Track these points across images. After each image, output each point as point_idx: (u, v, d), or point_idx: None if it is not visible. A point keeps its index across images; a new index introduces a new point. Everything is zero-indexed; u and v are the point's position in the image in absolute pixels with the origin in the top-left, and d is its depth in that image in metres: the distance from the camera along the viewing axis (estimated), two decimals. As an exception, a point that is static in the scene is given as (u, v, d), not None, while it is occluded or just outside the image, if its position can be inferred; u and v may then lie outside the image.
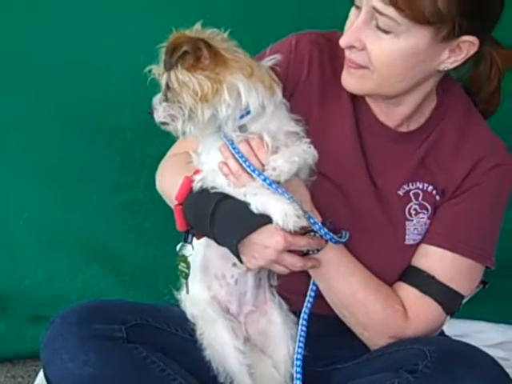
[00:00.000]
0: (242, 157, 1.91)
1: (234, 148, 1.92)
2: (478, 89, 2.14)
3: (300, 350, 2.04)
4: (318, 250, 1.99)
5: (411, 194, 2.11)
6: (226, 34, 1.94)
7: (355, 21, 1.95)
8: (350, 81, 2.03)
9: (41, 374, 2.62)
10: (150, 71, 1.95)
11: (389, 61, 1.96)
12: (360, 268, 2.06)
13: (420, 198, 2.11)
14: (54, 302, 2.85)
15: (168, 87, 1.91)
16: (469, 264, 2.08)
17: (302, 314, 2.05)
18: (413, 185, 2.11)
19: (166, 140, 2.44)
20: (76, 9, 2.78)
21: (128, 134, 2.89)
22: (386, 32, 1.92)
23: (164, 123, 1.95)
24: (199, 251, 2.08)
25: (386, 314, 2.06)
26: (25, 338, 2.92)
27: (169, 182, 2.17)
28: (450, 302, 2.08)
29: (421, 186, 2.11)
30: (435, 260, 2.08)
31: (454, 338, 2.24)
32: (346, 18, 1.99)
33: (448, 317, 2.12)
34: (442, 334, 2.26)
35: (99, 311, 2.02)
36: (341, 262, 2.04)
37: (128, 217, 2.93)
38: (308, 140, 1.93)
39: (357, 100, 2.10)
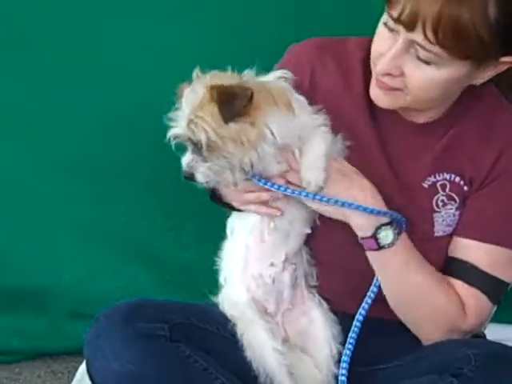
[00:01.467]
0: (285, 189, 1.96)
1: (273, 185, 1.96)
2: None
3: (348, 352, 2.04)
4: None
5: (438, 185, 2.10)
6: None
7: (392, 47, 1.93)
8: (381, 99, 2.02)
9: (80, 370, 2.65)
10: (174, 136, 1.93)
11: (427, 87, 1.96)
12: (424, 264, 2.06)
13: (447, 189, 2.10)
14: (94, 299, 2.88)
15: (205, 145, 1.89)
16: (509, 253, 2.07)
17: (357, 315, 2.05)
18: (439, 176, 2.10)
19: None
20: (101, 11, 2.80)
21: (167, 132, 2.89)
22: (427, 63, 1.91)
23: (209, 182, 1.94)
24: (239, 252, 2.11)
25: (448, 306, 2.05)
26: (65, 335, 2.95)
27: None
28: (496, 291, 2.08)
29: (448, 177, 2.10)
30: (475, 251, 2.07)
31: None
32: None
33: (495, 306, 2.11)
34: (484, 338, 2.25)
35: (143, 310, 2.03)
36: (409, 259, 2.04)
37: (168, 216, 2.93)
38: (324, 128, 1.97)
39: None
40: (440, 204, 2.10)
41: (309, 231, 2.11)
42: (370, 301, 2.07)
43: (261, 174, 1.97)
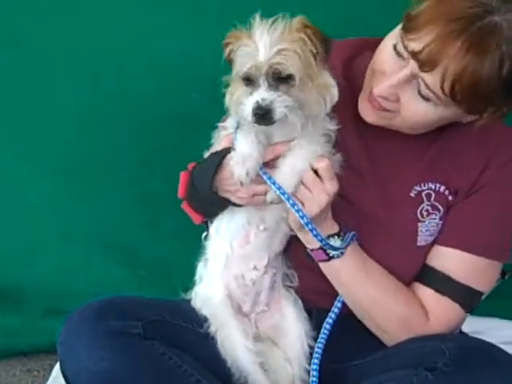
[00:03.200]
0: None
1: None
2: None
3: (317, 355, 2.05)
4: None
5: (423, 194, 2.10)
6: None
7: (395, 75, 1.93)
8: (369, 115, 2.03)
9: (56, 368, 2.64)
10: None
11: (418, 119, 1.97)
12: (379, 272, 2.07)
13: (432, 199, 2.10)
14: (69, 295, 2.87)
15: (281, 79, 1.85)
16: (486, 263, 2.08)
17: (326, 319, 2.07)
18: (424, 185, 2.10)
19: (183, 133, 2.46)
20: (96, 5, 2.78)
21: (144, 127, 2.88)
22: (426, 99, 1.92)
23: (283, 118, 1.88)
24: (222, 251, 2.11)
25: (406, 317, 2.06)
26: (40, 332, 2.92)
27: None
28: (468, 300, 2.08)
29: (433, 187, 2.10)
30: (451, 260, 2.08)
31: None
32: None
33: (467, 314, 2.11)
34: (459, 331, 2.26)
35: (116, 307, 2.02)
36: (361, 267, 2.05)
37: (144, 210, 2.92)
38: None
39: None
40: (424, 214, 2.11)
41: (293, 233, 2.11)
42: (336, 310, 2.08)
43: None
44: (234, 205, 2.04)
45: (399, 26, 1.94)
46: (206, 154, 2.10)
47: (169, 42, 2.79)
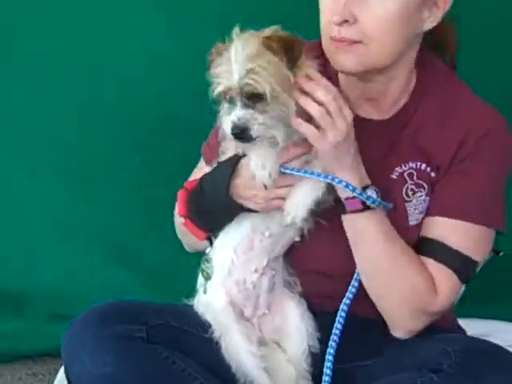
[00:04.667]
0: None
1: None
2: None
3: (332, 351, 2.04)
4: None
5: (405, 174, 2.12)
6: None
7: None
8: (347, 61, 2.02)
9: (61, 372, 2.64)
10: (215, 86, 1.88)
11: (383, 28, 1.97)
12: (398, 236, 2.06)
13: (415, 178, 2.11)
14: (73, 300, 2.88)
15: (269, 96, 1.85)
16: (477, 229, 2.08)
17: (339, 312, 2.06)
18: (405, 166, 2.12)
19: (187, 138, 2.46)
20: (101, 10, 2.78)
21: (149, 131, 2.88)
22: None
23: (259, 137, 1.89)
24: (227, 259, 2.10)
25: (419, 280, 2.05)
26: (44, 336, 2.94)
27: None
28: (465, 269, 2.08)
29: (414, 166, 2.11)
30: (444, 229, 2.08)
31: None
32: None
33: (463, 286, 2.11)
34: (464, 333, 2.26)
35: (119, 312, 2.02)
36: (386, 226, 2.04)
37: (148, 215, 2.93)
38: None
39: None
40: (410, 193, 2.12)
41: (298, 239, 2.11)
42: (351, 296, 2.07)
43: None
44: (250, 211, 2.03)
45: None
46: (213, 165, 2.10)
47: (172, 44, 2.80)
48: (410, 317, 2.07)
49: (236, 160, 1.99)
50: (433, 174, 2.11)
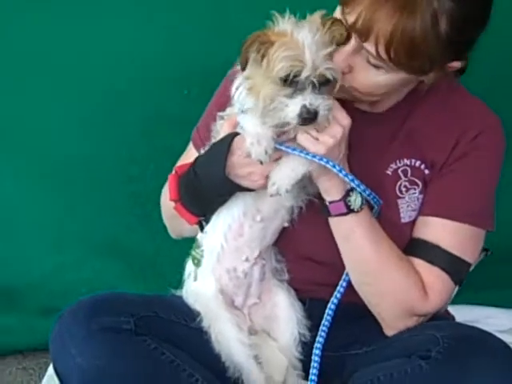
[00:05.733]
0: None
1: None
2: None
3: (321, 340, 2.05)
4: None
5: (399, 171, 2.12)
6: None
7: (344, 47, 1.93)
8: (341, 90, 1.99)
9: (51, 366, 2.62)
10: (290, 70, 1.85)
11: (373, 88, 1.98)
12: (386, 237, 2.06)
13: (409, 175, 2.12)
14: (64, 293, 2.88)
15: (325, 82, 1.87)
16: (470, 230, 2.09)
17: (329, 304, 2.07)
18: (400, 162, 2.12)
19: (174, 132, 2.45)
20: (86, 8, 2.77)
21: (136, 125, 2.88)
22: (376, 67, 1.93)
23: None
24: (216, 245, 2.10)
25: (408, 283, 2.06)
26: (35, 331, 2.93)
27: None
28: (457, 270, 2.09)
29: (408, 163, 2.12)
30: (436, 229, 2.09)
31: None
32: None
33: (457, 287, 2.12)
34: (453, 319, 2.26)
35: (107, 304, 2.02)
36: (373, 228, 2.04)
37: (136, 208, 2.93)
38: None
39: None
40: (403, 190, 2.12)
41: (286, 225, 2.11)
42: (339, 295, 2.07)
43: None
44: (245, 190, 2.02)
45: None
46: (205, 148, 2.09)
47: (159, 40, 2.79)
48: (400, 317, 2.08)
49: (230, 139, 1.98)
50: (427, 172, 2.12)
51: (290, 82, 1.85)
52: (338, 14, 1.96)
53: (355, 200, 2.00)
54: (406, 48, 1.86)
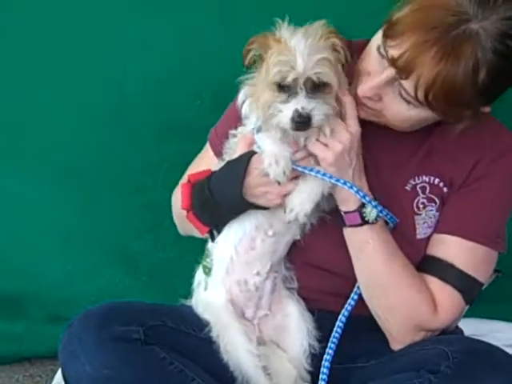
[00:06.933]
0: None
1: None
2: None
3: (331, 351, 2.05)
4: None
5: (418, 188, 2.12)
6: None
7: (377, 76, 1.94)
8: (361, 113, 2.01)
9: (58, 374, 2.64)
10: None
11: (401, 120, 1.99)
12: (400, 252, 2.06)
13: (427, 192, 2.12)
14: (73, 302, 2.87)
15: (318, 87, 1.88)
16: (484, 251, 2.09)
17: (339, 316, 2.07)
18: (419, 179, 2.12)
19: (185, 141, 2.46)
20: (98, 16, 2.78)
21: (147, 134, 2.88)
22: (407, 102, 1.94)
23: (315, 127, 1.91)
24: (226, 256, 2.10)
25: (419, 299, 2.06)
26: (43, 338, 2.93)
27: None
28: (469, 289, 2.09)
29: (427, 180, 2.12)
30: (451, 248, 2.09)
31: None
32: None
33: (467, 306, 2.12)
34: (461, 333, 2.26)
35: (116, 313, 2.03)
36: (387, 242, 2.04)
37: (146, 217, 2.92)
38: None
39: None
40: (421, 206, 2.12)
41: (298, 238, 2.12)
42: (350, 308, 2.08)
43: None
44: (261, 208, 2.03)
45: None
46: (220, 164, 2.10)
47: (172, 50, 2.79)
48: (408, 332, 2.08)
49: (247, 159, 1.99)
50: (445, 190, 2.12)
51: (284, 87, 1.87)
52: (377, 40, 1.96)
53: (370, 212, 2.00)
54: (445, 94, 1.86)
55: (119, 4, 2.77)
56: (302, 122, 1.86)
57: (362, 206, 2.00)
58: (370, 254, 2.03)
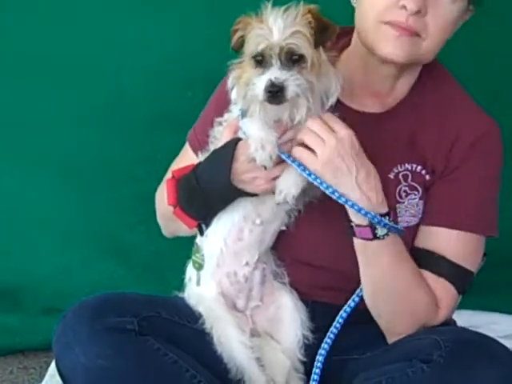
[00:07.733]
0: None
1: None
2: None
3: (326, 346, 2.06)
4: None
5: (400, 176, 2.12)
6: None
7: None
8: (404, 48, 2.02)
9: (52, 366, 2.64)
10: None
11: (443, 28, 2.02)
12: (409, 258, 2.06)
13: (409, 180, 2.12)
14: (67, 294, 2.86)
15: (293, 61, 1.87)
16: (473, 238, 2.10)
17: (340, 312, 2.07)
18: (401, 167, 2.12)
19: (178, 133, 2.45)
20: (90, 9, 2.78)
21: (140, 126, 2.88)
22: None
23: (293, 98, 1.88)
24: (216, 248, 2.10)
25: (427, 301, 2.07)
26: (37, 330, 2.94)
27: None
28: (462, 280, 2.10)
29: (409, 168, 2.12)
30: (441, 240, 2.09)
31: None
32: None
33: (460, 296, 2.12)
34: (454, 324, 2.26)
35: (110, 304, 2.03)
36: (398, 253, 2.03)
37: (139, 209, 2.92)
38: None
39: None
40: (403, 194, 2.12)
41: (284, 228, 2.12)
42: (349, 309, 2.08)
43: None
44: (249, 195, 2.02)
45: None
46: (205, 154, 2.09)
47: (164, 43, 2.80)
48: (410, 331, 2.08)
49: (233, 145, 1.98)
50: (428, 178, 2.12)
51: (262, 62, 1.87)
52: None
53: (382, 228, 1.97)
54: None
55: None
56: (275, 92, 1.84)
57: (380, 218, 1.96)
58: (382, 265, 2.02)
